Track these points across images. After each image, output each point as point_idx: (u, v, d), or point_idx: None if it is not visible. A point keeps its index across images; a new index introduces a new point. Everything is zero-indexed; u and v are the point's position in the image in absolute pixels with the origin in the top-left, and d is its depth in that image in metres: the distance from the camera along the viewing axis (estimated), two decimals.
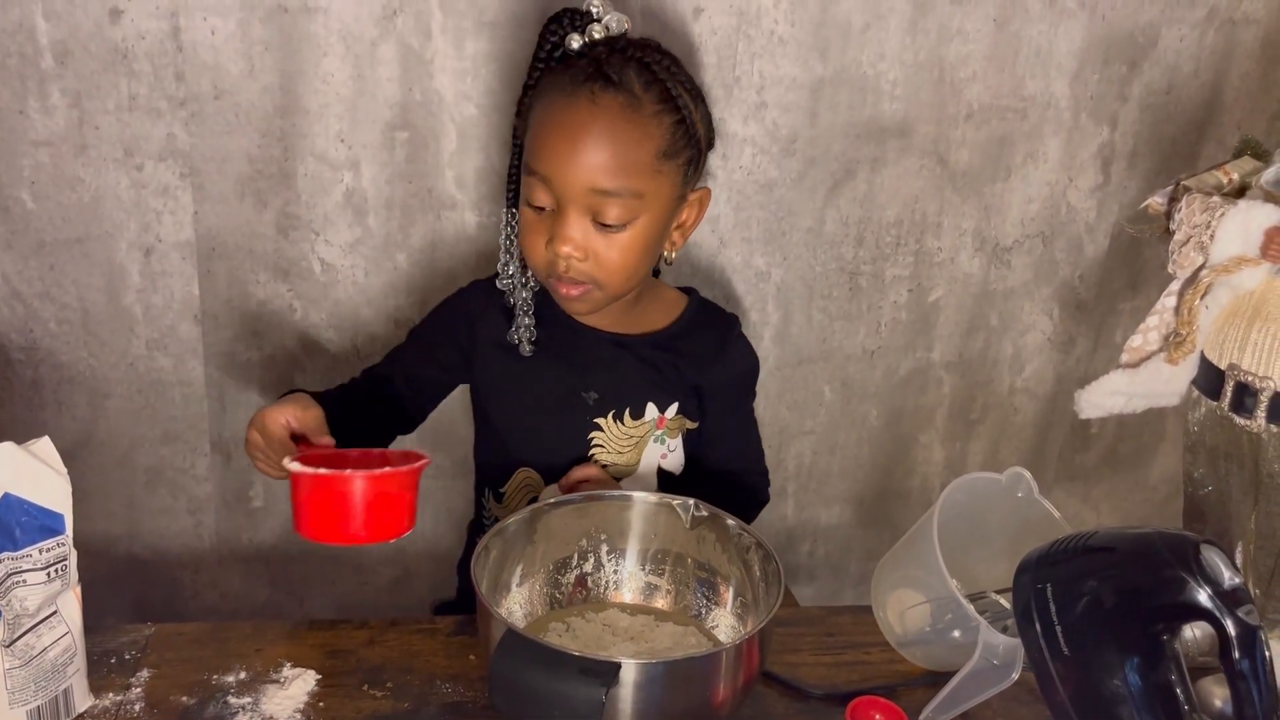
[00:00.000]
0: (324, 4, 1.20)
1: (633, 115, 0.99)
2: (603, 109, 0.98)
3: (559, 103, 0.99)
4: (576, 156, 0.98)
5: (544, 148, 1.00)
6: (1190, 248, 0.92)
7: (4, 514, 0.78)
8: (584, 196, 0.99)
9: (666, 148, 1.01)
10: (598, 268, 1.02)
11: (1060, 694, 0.80)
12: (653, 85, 1.00)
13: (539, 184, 1.01)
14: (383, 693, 0.91)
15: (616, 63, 0.99)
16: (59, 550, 0.81)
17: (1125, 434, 1.67)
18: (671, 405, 1.13)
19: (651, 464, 1.14)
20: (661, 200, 1.03)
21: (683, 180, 1.04)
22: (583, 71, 0.99)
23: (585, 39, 1.01)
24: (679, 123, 1.01)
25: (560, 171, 0.99)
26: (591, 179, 0.98)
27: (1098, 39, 1.38)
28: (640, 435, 1.13)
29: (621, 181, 0.99)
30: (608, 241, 1.01)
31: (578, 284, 1.03)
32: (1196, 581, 0.75)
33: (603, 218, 1.00)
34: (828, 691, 0.93)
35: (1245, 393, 0.92)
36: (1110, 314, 1.57)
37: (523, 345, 1.11)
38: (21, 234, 1.25)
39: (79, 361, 1.33)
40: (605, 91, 0.98)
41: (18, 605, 0.79)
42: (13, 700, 0.81)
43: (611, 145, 0.98)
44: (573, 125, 0.98)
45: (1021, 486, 0.99)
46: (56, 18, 1.16)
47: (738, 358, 1.17)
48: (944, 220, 1.45)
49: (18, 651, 0.80)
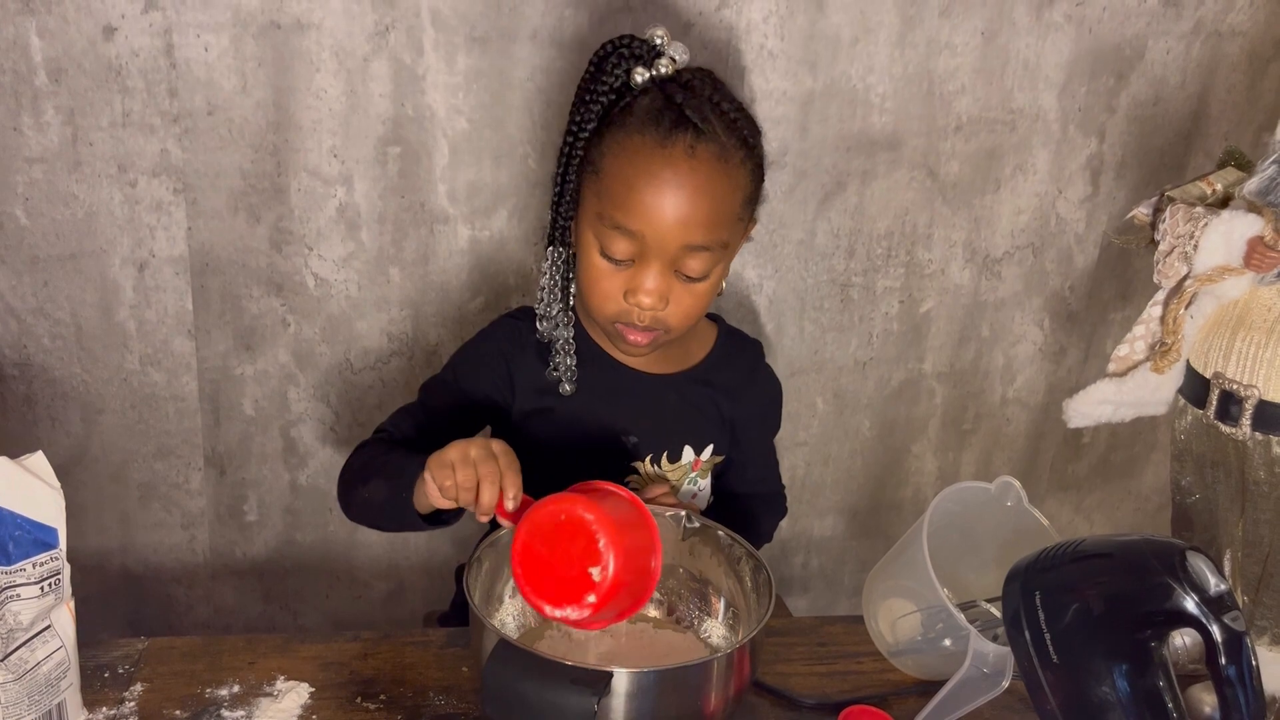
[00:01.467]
0: (316, 20, 1.21)
1: (725, 168, 0.94)
2: (701, 163, 0.93)
3: (650, 155, 0.93)
4: (673, 213, 0.93)
5: (635, 203, 0.94)
6: (1175, 258, 0.93)
7: None
8: (675, 251, 0.95)
9: (750, 195, 0.98)
10: (672, 315, 0.98)
11: (1050, 702, 0.80)
12: (731, 129, 0.95)
13: (623, 237, 0.95)
14: (376, 705, 0.91)
15: (695, 106, 0.93)
16: (52, 564, 0.81)
17: (1117, 444, 1.67)
18: (708, 447, 1.11)
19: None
20: (737, 244, 1.01)
21: (752, 218, 1.02)
22: (666, 118, 0.93)
23: (651, 72, 0.95)
24: (756, 167, 0.98)
25: (653, 228, 0.94)
26: (688, 236, 0.94)
27: (1085, 52, 1.39)
28: (676, 479, 1.10)
29: (712, 236, 0.95)
30: (687, 290, 0.98)
31: (650, 331, 0.99)
32: (1183, 588, 0.75)
33: (687, 270, 0.96)
34: (819, 701, 0.93)
35: (1230, 401, 0.93)
36: (1101, 324, 1.58)
37: (564, 385, 1.06)
38: (15, 250, 1.26)
39: (72, 377, 1.33)
40: (700, 143, 0.93)
41: (11, 620, 0.80)
42: (6, 715, 0.81)
43: (708, 201, 0.94)
44: (671, 181, 0.93)
45: (1011, 495, 1.00)
46: (50, 35, 1.17)
47: (767, 387, 1.17)
48: (934, 232, 1.46)
49: (11, 666, 0.80)
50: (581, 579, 0.78)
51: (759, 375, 1.16)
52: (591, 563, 0.77)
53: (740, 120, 0.97)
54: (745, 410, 1.13)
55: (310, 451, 1.42)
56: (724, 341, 1.13)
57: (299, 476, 1.43)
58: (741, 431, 1.14)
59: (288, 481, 1.43)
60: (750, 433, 1.15)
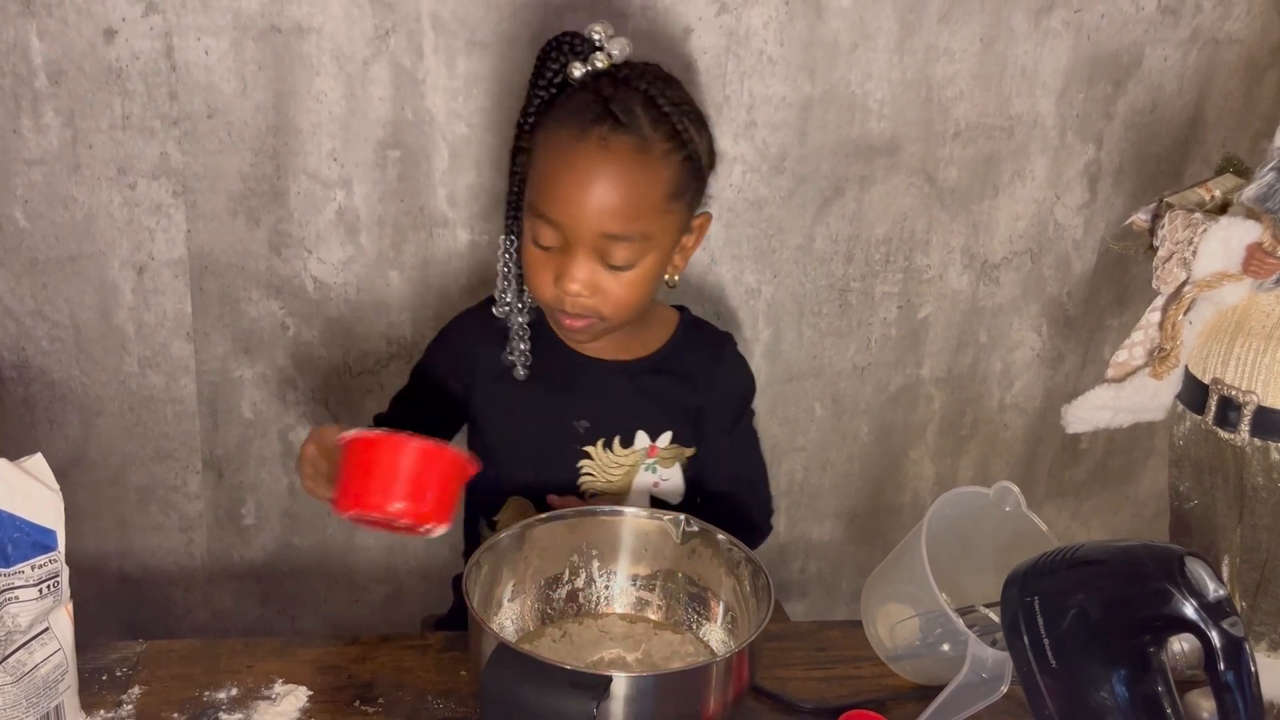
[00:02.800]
0: (317, 24, 1.21)
1: (643, 159, 0.96)
2: (613, 154, 0.95)
3: (567, 144, 0.96)
4: (586, 202, 0.96)
5: (552, 191, 0.98)
6: (1173, 264, 0.93)
7: None
8: (593, 240, 0.97)
9: (675, 188, 0.99)
10: (603, 303, 1.01)
11: (1049, 707, 0.80)
12: (661, 123, 0.97)
13: (547, 225, 0.98)
14: (374, 709, 0.91)
15: (623, 98, 0.96)
16: (51, 567, 0.81)
17: (1115, 449, 1.67)
18: (665, 434, 1.11)
19: (642, 492, 1.13)
20: (669, 237, 1.01)
21: (688, 213, 1.03)
22: (590, 109, 0.96)
23: (588, 67, 0.98)
24: (686, 160, 0.99)
25: (568, 216, 0.97)
26: (601, 225, 0.96)
27: (1083, 58, 1.40)
28: (630, 464, 1.12)
29: (631, 226, 0.97)
30: (615, 279, 1.00)
31: (582, 317, 1.02)
32: (1182, 594, 0.75)
33: (611, 259, 0.98)
34: (818, 706, 0.93)
35: (1229, 407, 0.93)
36: (1098, 330, 1.58)
37: (517, 369, 1.09)
38: (14, 252, 1.26)
39: (71, 379, 1.33)
40: (615, 134, 0.95)
41: (9, 622, 0.79)
42: (4, 718, 0.80)
43: (622, 191, 0.96)
44: (582, 170, 0.96)
45: (1009, 501, 1.00)
46: (50, 37, 1.17)
47: (731, 376, 1.15)
48: (932, 237, 1.46)
49: (9, 668, 0.80)
50: None
51: (723, 365, 1.14)
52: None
53: (675, 114, 0.98)
54: (707, 400, 1.12)
55: None
56: (685, 332, 1.13)
57: (297, 480, 1.43)
58: (706, 421, 1.13)
59: (286, 485, 1.43)
60: (714, 423, 1.13)
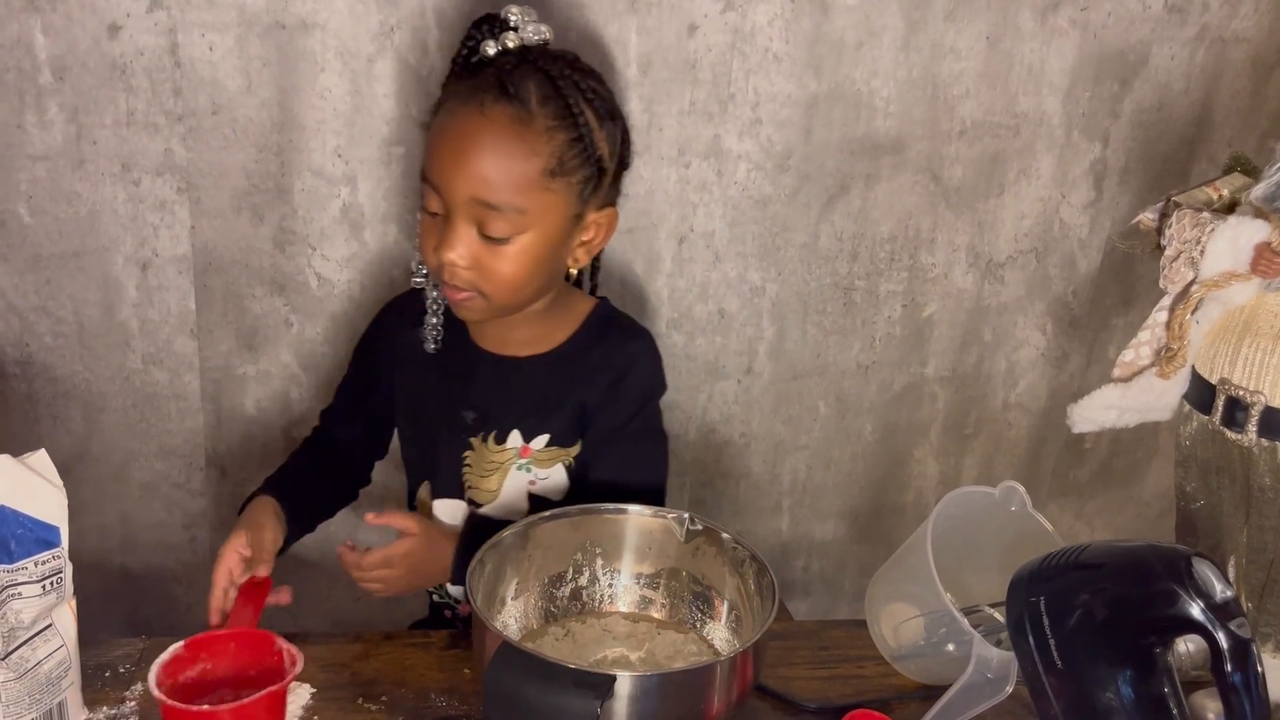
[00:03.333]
0: (321, 20, 1.21)
1: (521, 130, 0.96)
2: (490, 120, 0.96)
3: (452, 111, 0.98)
4: (461, 167, 0.97)
5: (433, 154, 0.99)
6: (1181, 263, 0.93)
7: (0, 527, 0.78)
8: (468, 207, 0.98)
9: (555, 166, 0.98)
10: (483, 278, 1.00)
11: (1054, 707, 0.80)
12: (552, 100, 0.97)
13: (430, 190, 1.00)
14: (377, 706, 0.90)
15: (519, 74, 0.97)
16: (54, 563, 0.81)
17: (1119, 449, 1.67)
18: (541, 436, 1.10)
19: (518, 490, 1.11)
20: (552, 218, 1.00)
21: (578, 199, 1.02)
22: (484, 80, 0.97)
23: (499, 46, 0.99)
24: (574, 140, 0.98)
25: (445, 180, 0.98)
26: (474, 190, 0.97)
27: (1089, 57, 1.39)
28: (501, 462, 1.10)
29: (505, 196, 0.97)
30: (493, 253, 0.99)
31: (463, 291, 1.01)
32: (1189, 595, 0.75)
33: (487, 230, 0.98)
34: (821, 705, 0.93)
35: (1236, 407, 0.93)
36: (1104, 329, 1.58)
37: (428, 343, 1.10)
38: (18, 248, 1.25)
39: (74, 375, 1.33)
40: (497, 103, 0.96)
41: (13, 618, 0.79)
42: (7, 714, 0.80)
43: (495, 159, 0.96)
44: (459, 134, 0.97)
45: (1014, 500, 1.00)
46: (55, 33, 1.17)
47: (626, 372, 1.09)
48: (938, 236, 1.46)
49: (12, 664, 0.80)
50: None
51: (623, 362, 1.09)
52: None
53: (573, 97, 0.98)
54: (600, 396, 1.09)
55: None
56: (592, 326, 1.11)
57: None
58: (597, 418, 1.10)
59: None
60: (604, 419, 1.09)
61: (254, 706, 0.82)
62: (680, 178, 1.34)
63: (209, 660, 0.87)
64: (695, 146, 1.33)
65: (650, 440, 1.13)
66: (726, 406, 1.49)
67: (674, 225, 1.37)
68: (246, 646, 0.89)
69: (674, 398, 1.47)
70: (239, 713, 0.82)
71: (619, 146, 1.05)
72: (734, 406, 1.49)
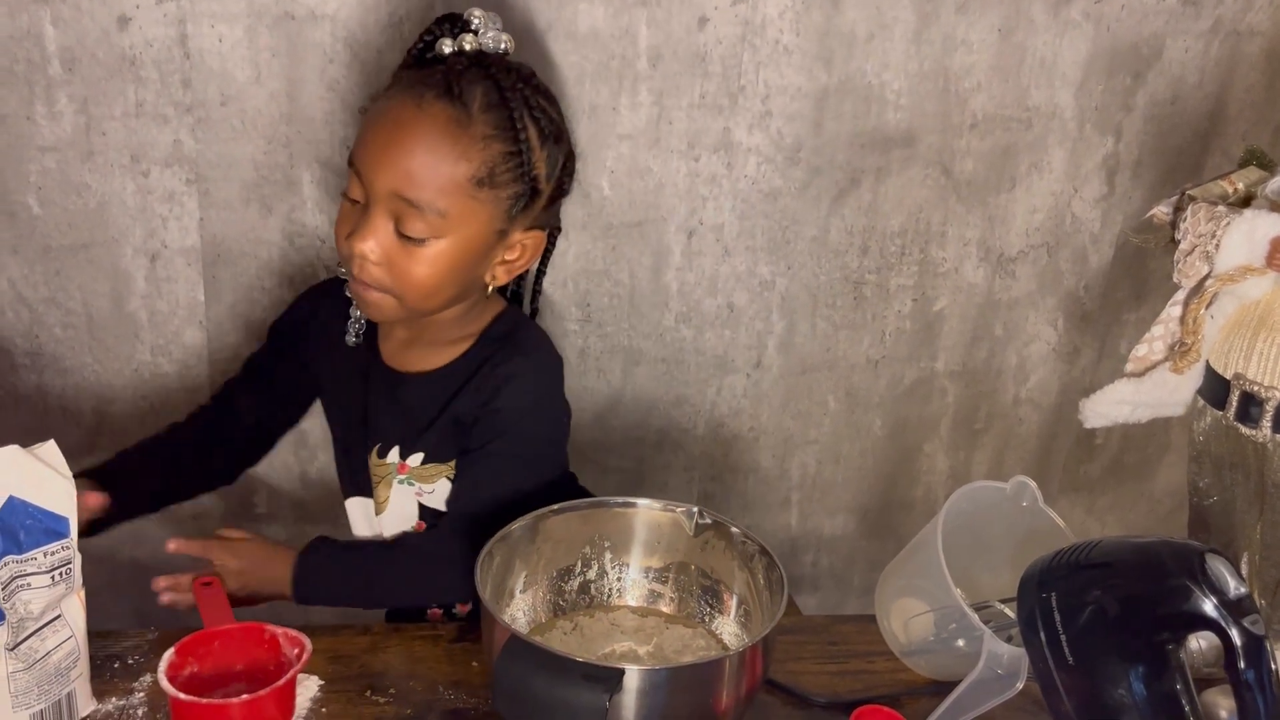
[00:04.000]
0: (330, 11, 1.20)
1: (456, 132, 0.94)
2: (426, 116, 0.94)
3: (390, 97, 0.96)
4: (388, 157, 0.94)
5: (362, 140, 0.97)
6: (1195, 257, 0.92)
7: (9, 517, 0.78)
8: (388, 200, 0.95)
9: (485, 175, 0.95)
10: (394, 279, 0.97)
11: (1065, 704, 0.80)
12: (495, 109, 0.95)
13: (353, 176, 0.97)
14: (385, 699, 0.90)
15: (468, 77, 0.95)
16: (63, 554, 0.81)
17: (1130, 445, 1.66)
18: (416, 454, 1.07)
19: (407, 500, 1.09)
20: (473, 228, 0.97)
21: (505, 215, 0.98)
22: (430, 76, 0.95)
23: (455, 47, 0.97)
24: (510, 154, 0.96)
25: (369, 168, 0.95)
26: (397, 184, 0.94)
27: (1103, 50, 1.38)
28: (384, 474, 1.09)
29: (426, 195, 0.94)
30: (406, 253, 0.96)
31: (374, 289, 0.98)
32: (1202, 591, 0.74)
33: (403, 228, 0.95)
34: (831, 700, 0.93)
35: (1251, 402, 0.92)
36: (1115, 324, 1.57)
37: (349, 336, 1.08)
38: (27, 239, 1.25)
39: (84, 367, 1.33)
40: (437, 100, 0.94)
41: (22, 609, 0.79)
42: (16, 704, 0.80)
43: (424, 156, 0.93)
44: (391, 124, 0.94)
45: (1026, 496, 0.99)
46: (64, 24, 1.17)
47: (497, 393, 1.03)
48: (948, 230, 1.45)
49: (21, 655, 0.80)
50: None
51: (492, 383, 1.03)
52: None
53: (519, 111, 0.95)
54: (470, 415, 1.04)
55: (320, 444, 1.41)
56: (483, 344, 1.05)
57: (309, 469, 1.43)
58: (470, 434, 1.04)
59: (298, 474, 1.43)
60: (470, 435, 1.04)
61: (265, 699, 0.83)
62: (690, 171, 1.34)
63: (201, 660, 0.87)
64: (705, 139, 1.33)
65: (493, 476, 1.02)
66: (735, 401, 1.49)
67: (683, 219, 1.37)
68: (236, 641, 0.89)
69: (683, 392, 1.47)
70: (250, 706, 0.82)
71: (558, 171, 1.01)
72: (743, 401, 1.49)
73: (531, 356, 1.05)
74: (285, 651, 0.87)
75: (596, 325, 1.41)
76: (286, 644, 0.87)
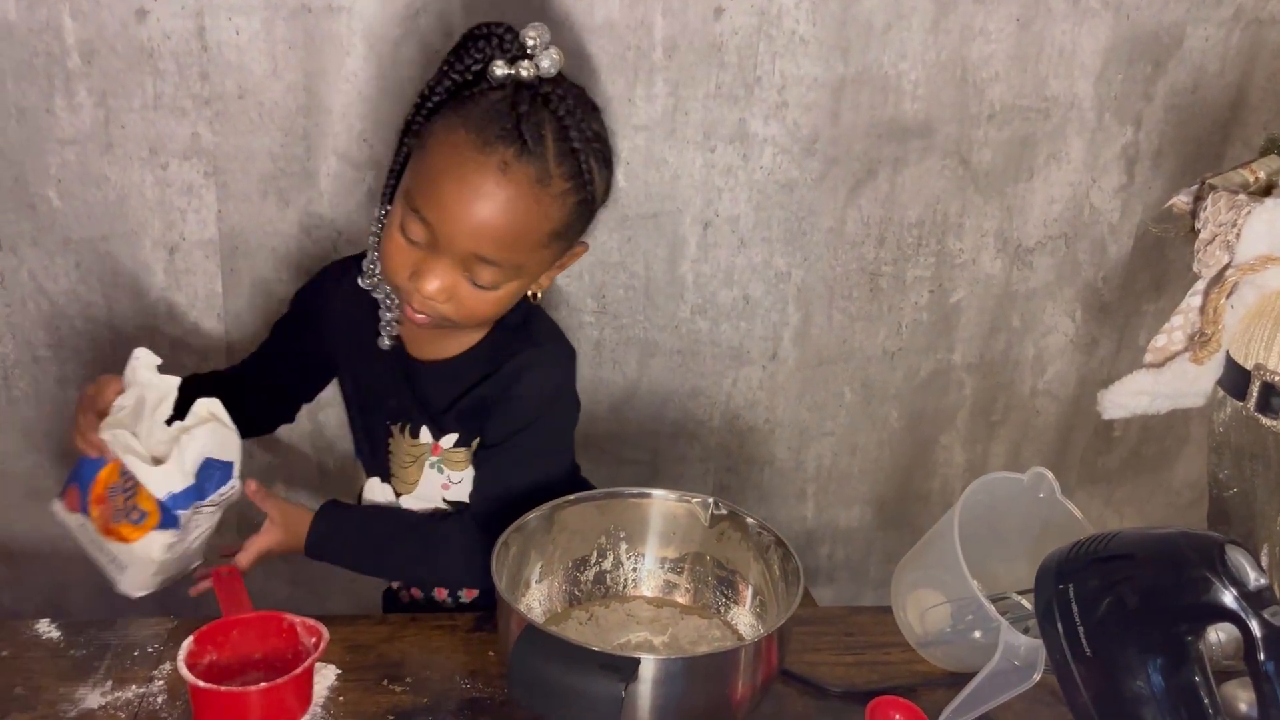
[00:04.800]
0: (347, 4, 1.21)
1: (538, 193, 0.91)
2: (511, 182, 0.90)
3: (466, 154, 0.90)
4: (468, 220, 0.91)
5: (435, 195, 0.92)
6: (1216, 246, 0.92)
7: (201, 475, 0.93)
8: (463, 255, 0.93)
9: (562, 228, 0.95)
10: (454, 310, 0.96)
11: (1083, 696, 0.80)
12: (567, 158, 0.92)
13: (418, 222, 0.93)
14: (402, 688, 0.91)
15: (537, 120, 0.91)
16: (230, 492, 0.97)
17: (1149, 437, 1.65)
18: (449, 435, 1.06)
19: (432, 490, 1.08)
20: (540, 268, 0.98)
21: (566, 249, 0.99)
22: (500, 121, 0.90)
23: (511, 71, 0.92)
24: (582, 202, 0.95)
25: (446, 226, 0.92)
26: (477, 246, 0.92)
27: (1122, 39, 1.37)
28: (417, 455, 1.08)
29: (506, 254, 0.93)
30: (474, 294, 0.95)
31: (428, 315, 0.97)
32: (1222, 582, 0.74)
33: (476, 277, 0.94)
34: (847, 690, 0.93)
35: (1271, 393, 0.91)
36: (1134, 315, 1.56)
37: (382, 339, 1.05)
38: (48, 231, 1.26)
39: (104, 358, 1.34)
40: (519, 161, 0.90)
41: (194, 531, 0.95)
42: (157, 581, 0.97)
43: (508, 221, 0.91)
44: (475, 187, 0.90)
45: (1043, 487, 0.99)
46: (83, 17, 1.17)
47: (514, 382, 1.03)
48: (966, 221, 1.44)
49: (175, 550, 0.95)
50: None
51: (509, 372, 1.03)
52: None
53: (584, 152, 0.93)
54: (491, 402, 1.04)
55: (337, 436, 1.42)
56: (495, 335, 1.05)
57: (326, 460, 1.44)
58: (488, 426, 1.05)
59: (315, 465, 1.43)
60: (490, 430, 1.04)
61: (283, 687, 0.83)
62: (706, 162, 1.34)
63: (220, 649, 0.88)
64: (721, 130, 1.32)
65: (516, 465, 1.04)
66: (751, 392, 1.49)
67: (699, 210, 1.36)
68: (254, 630, 0.89)
69: (698, 384, 1.47)
70: (269, 693, 0.83)
71: (607, 190, 1.01)
72: (759, 392, 1.49)
73: (546, 347, 1.05)
74: (303, 640, 0.88)
75: (612, 317, 1.41)
76: (304, 633, 0.88)
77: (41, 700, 0.87)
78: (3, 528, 1.40)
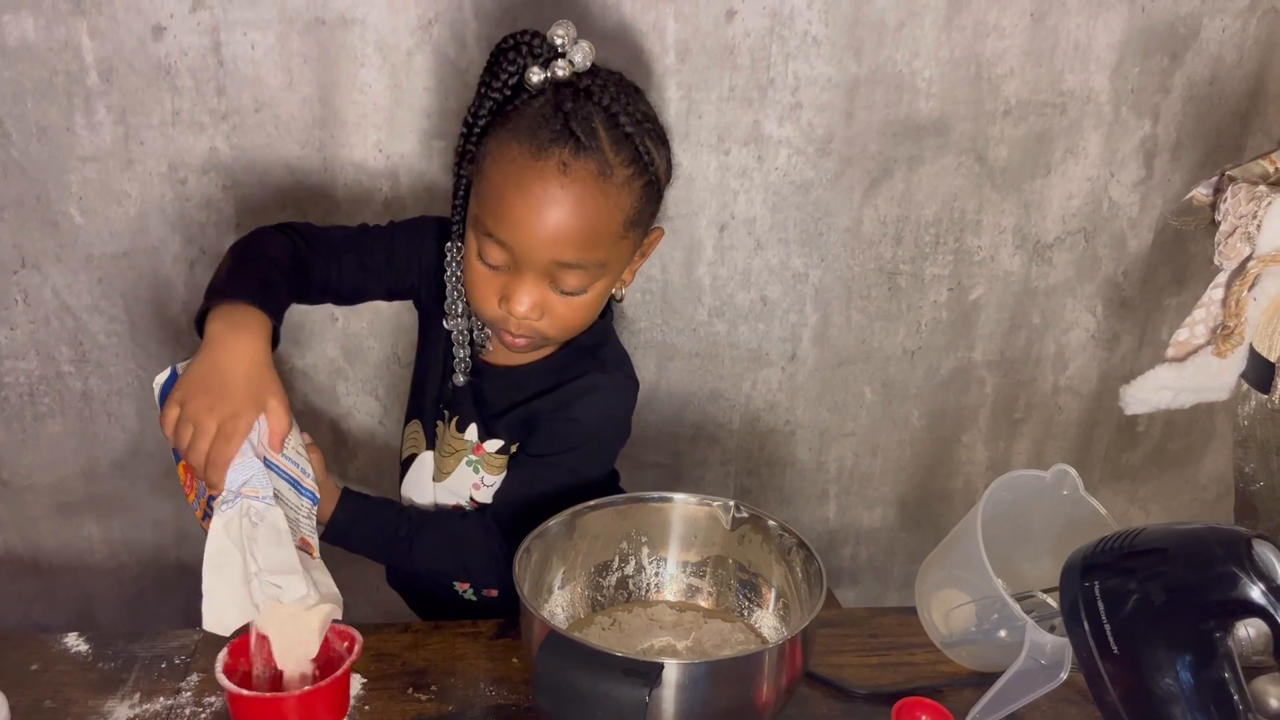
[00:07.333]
0: (361, 16, 1.21)
1: (604, 185, 0.91)
2: (574, 180, 0.90)
3: (524, 164, 0.90)
4: (542, 229, 0.91)
5: (504, 214, 0.92)
6: (1237, 238, 0.91)
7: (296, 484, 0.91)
8: (545, 265, 0.93)
9: (634, 215, 0.95)
10: (550, 325, 0.97)
11: (1111, 694, 0.79)
12: (623, 145, 0.92)
13: (495, 245, 0.93)
14: (427, 696, 0.91)
15: (584, 115, 0.91)
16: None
17: (1174, 432, 1.64)
18: (495, 440, 1.06)
19: (463, 485, 1.09)
20: (623, 262, 0.98)
21: (644, 236, 1.00)
22: (548, 125, 0.90)
23: (547, 74, 0.92)
24: (647, 185, 0.95)
25: (521, 240, 0.92)
26: (556, 253, 0.92)
27: (1138, 31, 1.36)
28: (458, 449, 1.08)
29: (587, 254, 0.93)
30: (564, 302, 0.96)
31: (526, 336, 0.98)
32: (1250, 577, 0.73)
33: (562, 285, 0.95)
34: (872, 692, 0.93)
35: None
36: (1155, 310, 1.55)
37: (457, 376, 1.06)
38: (70, 248, 1.28)
39: (127, 373, 1.35)
40: (577, 159, 0.90)
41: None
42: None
43: (580, 220, 0.91)
44: (539, 195, 0.90)
45: (1067, 484, 0.98)
46: (101, 36, 1.19)
47: (572, 404, 1.03)
48: (983, 218, 1.43)
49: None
50: None
51: (569, 394, 1.03)
52: None
53: (637, 135, 0.93)
54: (541, 418, 1.04)
55: (360, 444, 1.43)
56: (567, 354, 1.05)
57: (349, 469, 1.44)
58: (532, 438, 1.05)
59: (338, 474, 1.44)
60: (533, 441, 1.05)
61: (323, 692, 0.84)
62: (720, 165, 1.34)
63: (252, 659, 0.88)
64: (735, 133, 1.32)
65: (544, 484, 1.03)
66: (771, 394, 1.48)
67: (715, 213, 1.36)
68: None
69: (717, 386, 1.47)
70: (307, 699, 0.83)
71: (669, 170, 1.01)
72: (778, 394, 1.48)
73: (613, 375, 1.05)
74: (335, 646, 0.88)
75: (630, 321, 1.41)
76: (336, 639, 0.89)
77: (71, 713, 0.88)
78: (30, 542, 1.42)
